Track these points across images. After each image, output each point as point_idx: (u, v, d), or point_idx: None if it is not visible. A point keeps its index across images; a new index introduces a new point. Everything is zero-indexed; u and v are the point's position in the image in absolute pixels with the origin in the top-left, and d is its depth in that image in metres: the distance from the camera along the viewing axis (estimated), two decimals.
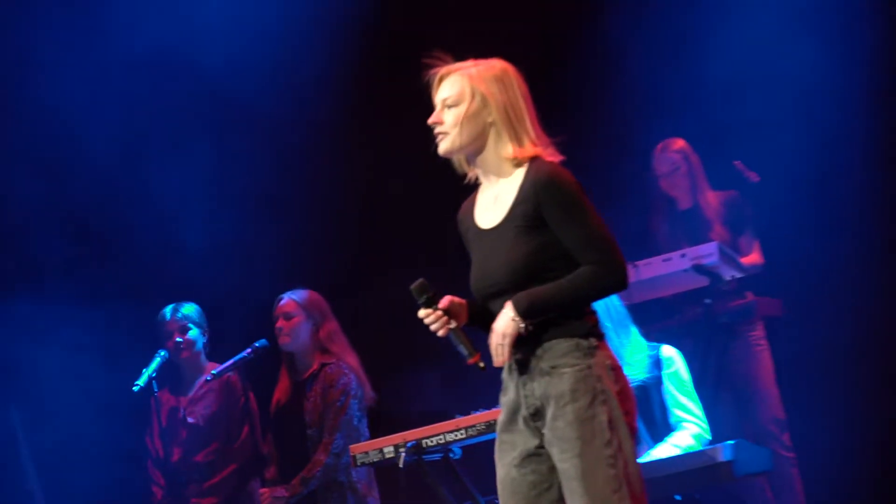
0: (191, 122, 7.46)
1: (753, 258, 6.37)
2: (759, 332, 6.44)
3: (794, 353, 6.74)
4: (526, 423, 3.72)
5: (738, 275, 6.17)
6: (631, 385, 4.91)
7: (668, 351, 5.32)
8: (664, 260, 5.99)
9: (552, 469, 3.70)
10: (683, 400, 5.20)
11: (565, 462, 3.65)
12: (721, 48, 7.01)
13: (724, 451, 4.94)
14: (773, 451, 5.87)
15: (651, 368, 5.22)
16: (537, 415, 3.70)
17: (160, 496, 6.35)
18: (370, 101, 7.68)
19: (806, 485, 6.43)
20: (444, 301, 3.76)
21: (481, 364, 3.79)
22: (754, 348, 6.42)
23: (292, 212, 7.36)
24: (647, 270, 5.92)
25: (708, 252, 5.97)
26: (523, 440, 3.76)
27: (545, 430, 3.69)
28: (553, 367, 3.67)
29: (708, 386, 5.98)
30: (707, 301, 6.27)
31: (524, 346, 3.72)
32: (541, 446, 3.71)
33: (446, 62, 3.91)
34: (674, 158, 6.41)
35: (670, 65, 7.16)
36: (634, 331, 5.24)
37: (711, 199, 6.41)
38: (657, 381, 5.26)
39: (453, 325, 3.78)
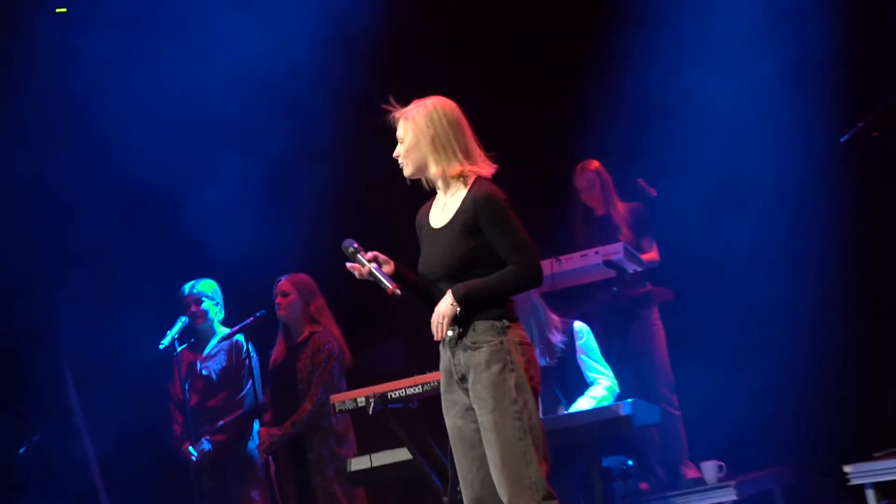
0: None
1: (652, 256, 6.96)
2: (654, 315, 7.01)
3: (681, 331, 7.22)
4: (458, 385, 4.23)
5: (640, 269, 6.73)
6: (554, 357, 5.93)
7: (579, 325, 6.00)
8: (582, 256, 6.54)
9: None
10: (594, 363, 5.93)
11: (483, 416, 4.16)
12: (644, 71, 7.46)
13: (624, 407, 5.53)
14: (663, 408, 6.61)
15: (566, 342, 5.87)
16: (463, 379, 4.21)
17: (178, 432, 7.02)
18: None
19: (688, 435, 6.98)
20: (370, 255, 4.28)
21: (398, 292, 4.27)
22: (651, 327, 6.99)
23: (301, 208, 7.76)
24: (569, 263, 6.52)
25: (615, 250, 6.52)
26: (461, 398, 4.24)
27: (470, 391, 4.21)
28: (474, 343, 4.18)
29: (613, 356, 6.48)
30: (614, 289, 6.81)
31: (454, 325, 4.20)
32: (470, 405, 4.22)
33: (397, 107, 4.35)
34: (591, 177, 7.03)
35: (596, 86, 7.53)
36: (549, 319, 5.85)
37: (620, 209, 7.03)
38: (572, 350, 5.89)
39: (368, 267, 4.29)
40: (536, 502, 4.07)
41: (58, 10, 7.80)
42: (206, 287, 7.05)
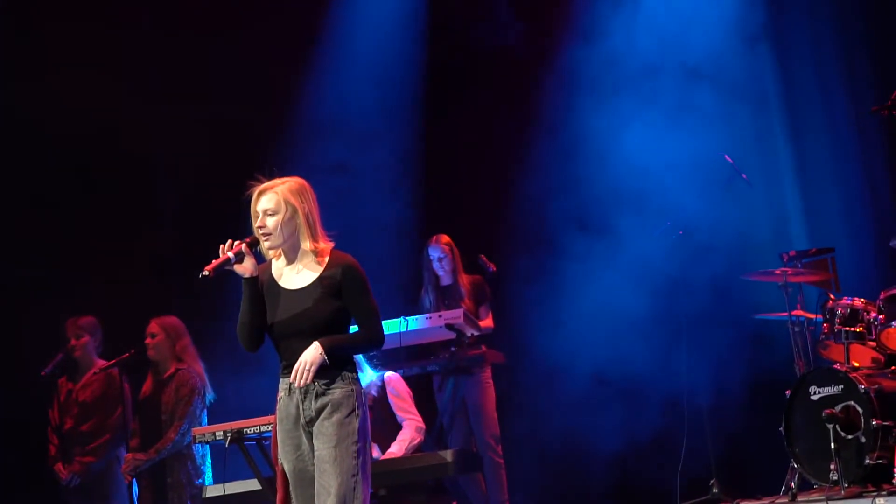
0: None
1: (487, 323, 7.15)
2: (487, 374, 7.12)
3: (509, 389, 7.62)
4: (303, 429, 4.30)
5: (476, 333, 6.91)
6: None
7: (389, 374, 6.24)
8: (427, 318, 6.73)
9: None
10: (404, 403, 6.13)
11: (324, 451, 4.24)
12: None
13: (450, 455, 5.79)
14: (489, 457, 6.92)
15: (379, 389, 6.07)
16: (310, 423, 4.29)
17: (53, 452, 7.04)
18: None
19: (509, 481, 7.15)
20: (237, 247, 4.27)
21: (206, 274, 4.23)
22: (483, 385, 7.10)
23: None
24: (415, 324, 6.71)
25: (456, 315, 6.72)
26: (304, 442, 4.33)
27: (315, 431, 4.28)
28: (327, 389, 4.29)
29: (448, 408, 6.83)
30: (453, 349, 6.90)
31: (321, 373, 4.27)
32: (311, 446, 4.29)
33: (262, 181, 4.36)
34: (443, 249, 7.20)
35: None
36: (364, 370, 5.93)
37: (464, 280, 7.21)
38: (384, 395, 6.10)
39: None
40: None
41: None
42: (86, 322, 7.12)
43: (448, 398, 6.91)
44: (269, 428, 5.63)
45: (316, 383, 4.28)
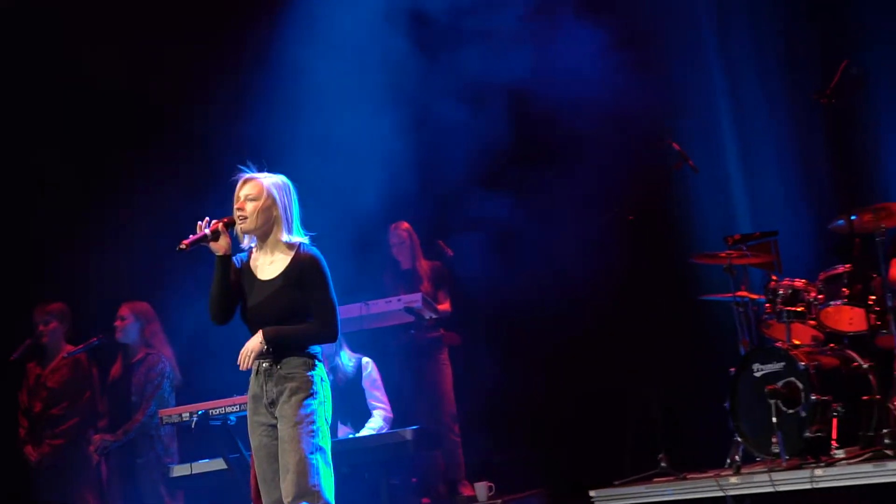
0: None
1: (445, 307, 7.24)
2: (444, 356, 7.26)
3: (465, 370, 7.56)
4: (266, 408, 4.44)
5: (435, 316, 7.01)
6: (340, 383, 6.18)
7: (366, 360, 6.35)
8: (386, 302, 6.81)
9: None
10: (375, 392, 6.29)
11: (284, 430, 4.39)
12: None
13: (409, 434, 5.94)
14: (446, 435, 7.06)
15: (355, 372, 6.24)
16: (272, 404, 4.43)
17: (23, 434, 7.03)
18: None
19: (466, 459, 7.30)
20: (213, 226, 4.36)
21: (182, 247, 4.33)
22: (441, 366, 7.23)
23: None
24: (376, 308, 6.77)
25: (415, 299, 6.83)
26: (266, 418, 4.45)
27: (276, 413, 4.42)
28: (287, 374, 4.43)
29: (407, 388, 6.92)
30: (412, 332, 7.05)
31: (272, 358, 4.43)
32: (275, 424, 4.43)
33: (250, 170, 4.53)
34: (401, 235, 7.27)
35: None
36: (343, 351, 6.21)
37: (423, 265, 7.27)
38: (359, 379, 6.25)
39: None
40: (318, 499, 4.33)
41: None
42: (54, 308, 7.10)
43: (408, 379, 6.97)
44: (234, 409, 5.77)
45: (278, 368, 4.41)
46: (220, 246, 4.43)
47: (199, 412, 5.90)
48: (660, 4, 7.78)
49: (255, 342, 4.44)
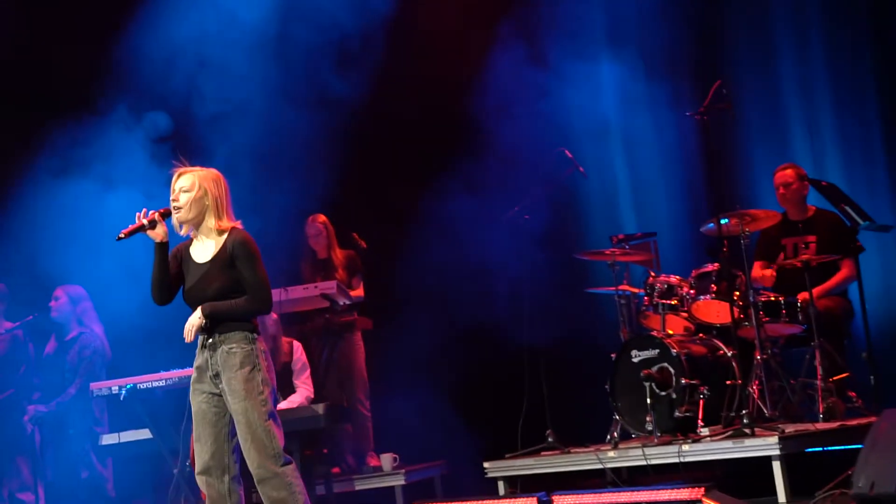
0: None
1: (358, 293, 7.27)
2: (357, 337, 7.30)
3: (376, 351, 7.66)
4: (210, 379, 4.50)
5: (348, 302, 7.08)
6: (277, 364, 6.10)
7: (296, 344, 6.57)
8: (304, 288, 6.90)
9: (226, 407, 4.49)
10: (302, 375, 6.52)
11: (236, 405, 4.45)
12: None
13: (322, 408, 6.11)
14: (358, 410, 7.15)
15: (288, 352, 6.42)
16: (217, 376, 4.49)
17: None
18: None
19: (375, 432, 7.39)
20: (150, 216, 4.44)
21: (121, 236, 4.44)
22: (354, 347, 7.29)
23: None
24: (294, 293, 6.88)
25: (330, 287, 6.91)
26: (209, 387, 4.51)
27: (223, 385, 4.47)
28: (230, 349, 4.49)
29: (322, 367, 7.02)
30: (327, 316, 7.09)
31: (215, 333, 4.48)
32: (218, 393, 4.49)
33: (185, 163, 4.59)
34: (318, 227, 7.28)
35: None
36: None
37: (339, 254, 7.29)
38: (289, 361, 6.43)
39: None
40: (279, 465, 4.47)
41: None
42: None
43: (323, 359, 7.07)
44: (161, 384, 5.97)
45: (220, 340, 4.49)
46: (157, 234, 4.52)
47: (128, 386, 6.01)
48: (560, 22, 7.89)
49: (195, 317, 4.51)
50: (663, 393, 6.04)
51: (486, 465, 6.41)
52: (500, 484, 6.42)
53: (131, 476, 7.12)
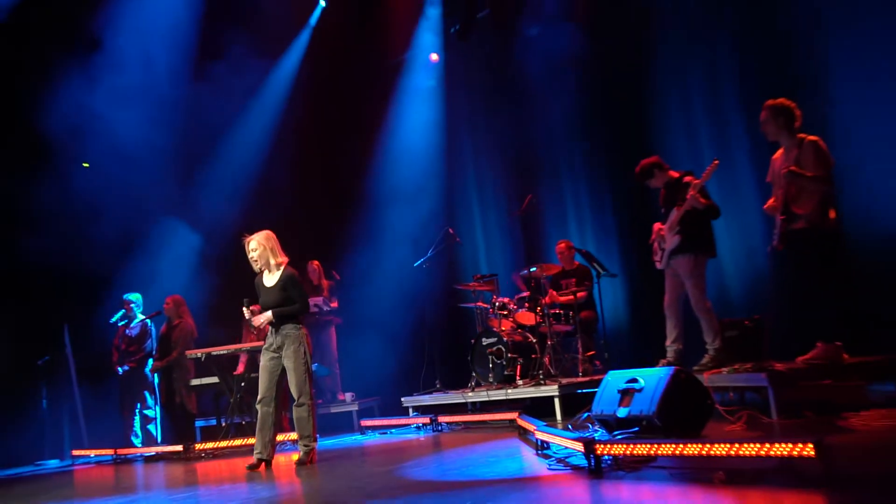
0: None
1: (334, 304, 8.96)
2: (332, 330, 8.93)
3: (346, 338, 9.24)
4: (273, 350, 5.51)
5: (328, 309, 8.86)
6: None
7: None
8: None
9: (280, 364, 5.45)
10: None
11: (289, 363, 5.43)
12: None
13: (316, 367, 7.76)
14: (332, 370, 8.77)
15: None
16: (280, 348, 5.46)
17: (115, 358, 8.64)
18: None
19: (342, 381, 8.91)
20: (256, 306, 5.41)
21: (246, 310, 5.27)
22: (330, 335, 8.93)
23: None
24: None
25: (319, 301, 8.59)
26: (272, 354, 5.50)
27: (282, 353, 5.43)
28: (286, 333, 5.50)
29: (313, 348, 7.08)
30: (317, 316, 8.69)
31: (279, 325, 5.42)
32: (278, 357, 5.42)
33: (248, 236, 5.54)
34: (314, 268, 8.90)
35: None
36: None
37: (324, 283, 8.77)
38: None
39: (248, 314, 5.39)
40: (307, 399, 5.47)
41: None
42: (133, 296, 8.96)
43: (313, 342, 7.97)
44: (224, 353, 7.24)
45: (281, 329, 5.53)
46: (252, 311, 5.61)
47: (205, 354, 7.47)
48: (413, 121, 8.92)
49: (266, 317, 5.60)
50: (499, 361, 7.74)
51: (403, 399, 8.08)
52: (410, 409, 8.01)
53: (206, 403, 8.57)
